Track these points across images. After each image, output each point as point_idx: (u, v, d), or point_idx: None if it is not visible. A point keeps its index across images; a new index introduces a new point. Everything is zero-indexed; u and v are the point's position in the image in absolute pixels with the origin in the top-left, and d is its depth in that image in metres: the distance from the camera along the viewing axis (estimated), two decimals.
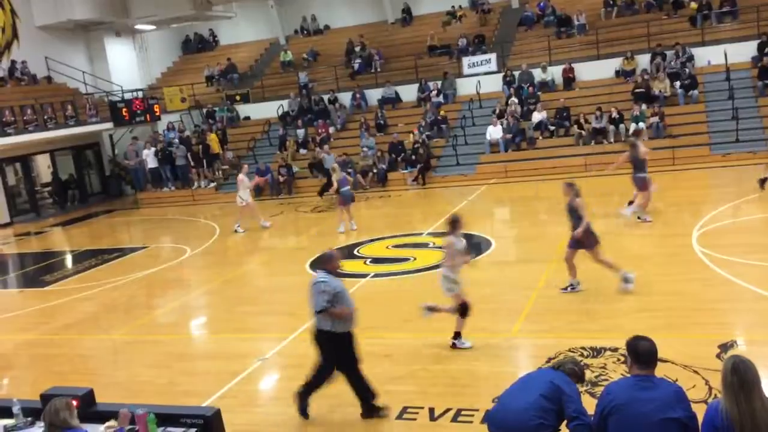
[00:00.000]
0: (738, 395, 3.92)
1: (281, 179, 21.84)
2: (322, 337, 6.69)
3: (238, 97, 26.80)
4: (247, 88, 27.34)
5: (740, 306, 8.65)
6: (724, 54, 20.17)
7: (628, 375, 4.37)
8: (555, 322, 8.63)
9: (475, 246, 12.73)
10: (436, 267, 11.71)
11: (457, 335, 8.16)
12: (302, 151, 23.70)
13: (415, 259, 12.50)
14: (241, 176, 16.55)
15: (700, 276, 9.69)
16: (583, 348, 7.68)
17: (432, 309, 8.37)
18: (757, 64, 19.81)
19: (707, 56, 20.82)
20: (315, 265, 6.89)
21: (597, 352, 7.57)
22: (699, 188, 15.25)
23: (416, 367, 7.80)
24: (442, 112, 22.64)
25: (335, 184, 15.49)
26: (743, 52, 20.34)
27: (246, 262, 14.67)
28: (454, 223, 8.33)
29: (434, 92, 23.69)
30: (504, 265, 11.76)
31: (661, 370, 6.40)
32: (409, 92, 24.46)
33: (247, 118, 26.54)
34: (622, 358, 6.90)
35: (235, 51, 29.96)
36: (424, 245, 13.48)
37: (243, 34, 30.65)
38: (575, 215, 9.39)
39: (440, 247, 10.53)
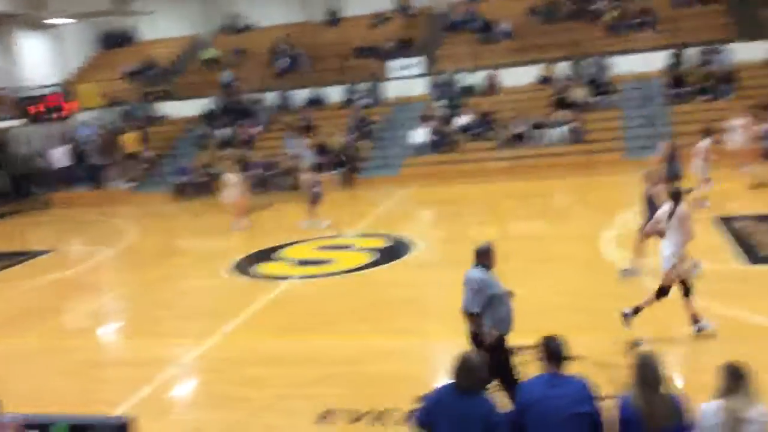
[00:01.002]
0: (645, 388, 4.19)
1: (203, 180, 21.31)
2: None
3: (158, 95, 26.01)
4: (168, 85, 26.59)
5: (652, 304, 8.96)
6: (638, 62, 20.99)
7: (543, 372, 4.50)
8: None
9: (400, 248, 12.78)
10: (358, 270, 11.73)
11: (696, 319, 7.60)
12: (226, 151, 23.26)
13: (336, 261, 12.42)
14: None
15: (613, 277, 9.99)
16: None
17: (635, 311, 7.76)
18: (669, 74, 20.71)
19: (623, 64, 21.62)
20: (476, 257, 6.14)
21: (517, 350, 7.67)
22: (613, 192, 15.79)
23: (339, 369, 7.72)
24: (368, 114, 22.66)
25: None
26: (657, 61, 21.24)
27: (163, 264, 14.22)
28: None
29: (361, 94, 23.69)
30: (429, 267, 11.83)
31: (574, 368, 6.58)
32: (335, 94, 24.38)
33: (166, 116, 25.80)
34: (538, 355, 7.01)
35: (156, 47, 29.07)
36: (348, 247, 13.42)
37: (164, 29, 29.76)
38: (651, 204, 9.31)
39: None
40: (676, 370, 6.88)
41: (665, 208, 7.81)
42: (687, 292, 7.61)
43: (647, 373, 4.22)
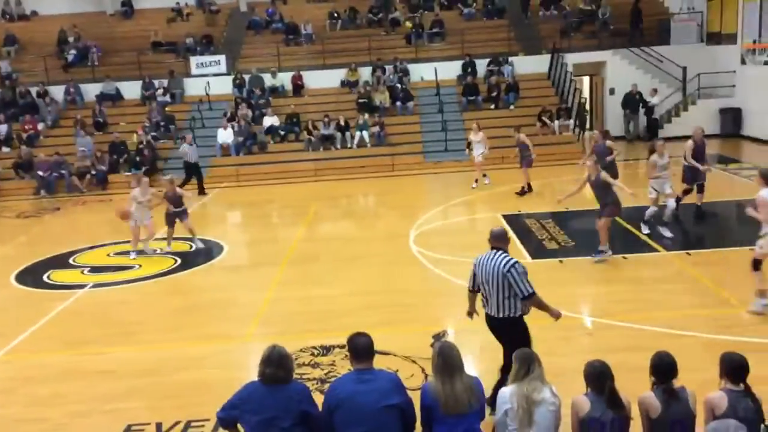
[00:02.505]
0: (443, 375, 4.48)
1: None
2: (506, 324, 5.86)
3: None
4: None
5: (451, 299, 9.53)
6: (434, 71, 22.29)
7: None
8: (288, 324, 8.72)
9: (207, 251, 12.40)
10: (161, 275, 11.19)
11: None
12: (5, 149, 21.03)
13: (140, 266, 11.76)
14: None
15: (418, 274, 10.51)
16: (313, 347, 7.86)
17: None
18: (462, 82, 22.23)
19: (420, 72, 22.83)
20: (492, 244, 5.94)
21: (326, 350, 7.80)
22: (414, 193, 16.61)
23: (142, 381, 7.31)
24: (169, 112, 21.69)
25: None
26: (450, 70, 22.68)
27: None
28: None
29: (160, 91, 22.62)
30: (237, 270, 11.60)
31: (383, 362, 6.84)
32: (131, 89, 23.04)
33: None
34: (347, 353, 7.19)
35: None
36: (151, 252, 12.73)
37: None
38: (602, 188, 10.04)
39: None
40: (475, 358, 7.39)
41: None
42: None
43: (445, 361, 4.48)
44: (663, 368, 4.55)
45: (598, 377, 4.53)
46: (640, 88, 21.98)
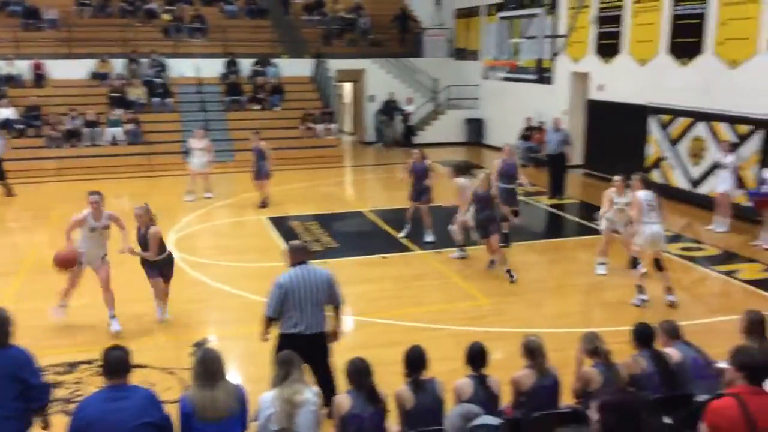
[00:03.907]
0: (203, 382, 4.30)
1: None
2: (321, 339, 5.82)
3: None
4: None
5: (212, 304, 9.23)
6: (195, 67, 21.50)
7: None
8: (27, 340, 7.69)
9: None
10: None
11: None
12: None
13: None
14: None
15: (177, 279, 9.99)
16: (57, 365, 7.09)
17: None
18: (225, 81, 21.73)
19: (180, 68, 21.83)
20: (297, 259, 5.72)
21: (72, 366, 7.09)
22: (175, 194, 15.83)
23: None
24: None
25: None
26: (213, 68, 22.04)
27: None
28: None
29: None
30: None
31: (140, 376, 6.37)
32: None
33: None
34: (100, 370, 6.60)
35: None
36: None
37: None
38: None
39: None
40: (237, 365, 7.20)
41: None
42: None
43: (206, 367, 4.31)
44: (412, 361, 4.80)
45: (359, 374, 4.64)
46: (396, 96, 23.30)
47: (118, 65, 21.45)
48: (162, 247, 8.21)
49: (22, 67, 20.60)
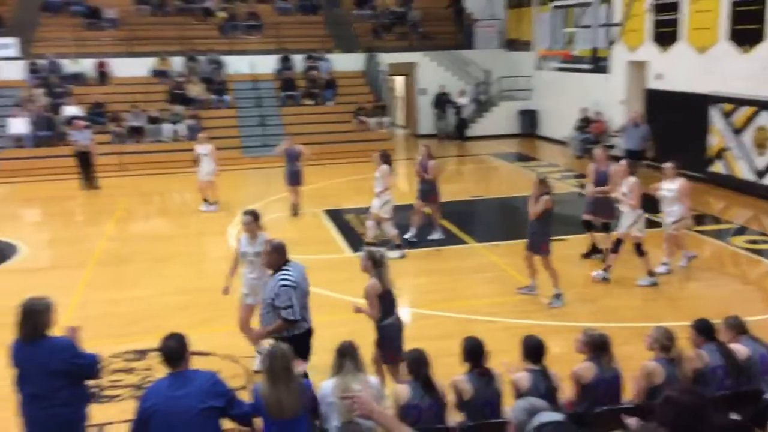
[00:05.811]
0: (271, 378, 4.37)
1: None
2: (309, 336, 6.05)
3: None
4: None
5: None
6: (251, 64, 21.90)
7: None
8: (98, 328, 8.13)
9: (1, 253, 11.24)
10: None
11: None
12: None
13: None
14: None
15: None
16: (127, 352, 7.44)
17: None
18: (280, 77, 22.08)
19: (235, 65, 22.29)
20: (284, 258, 5.92)
21: (141, 354, 7.43)
22: (233, 188, 16.21)
23: None
24: None
25: None
26: (267, 64, 22.43)
27: None
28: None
29: None
30: (37, 272, 10.60)
31: (204, 364, 6.63)
32: None
33: None
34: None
35: None
36: None
37: None
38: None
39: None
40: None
41: None
42: None
43: (275, 364, 4.36)
44: (470, 351, 4.87)
45: (417, 364, 4.74)
46: (448, 89, 23.26)
47: (177, 63, 22.03)
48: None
49: (87, 66, 21.37)
